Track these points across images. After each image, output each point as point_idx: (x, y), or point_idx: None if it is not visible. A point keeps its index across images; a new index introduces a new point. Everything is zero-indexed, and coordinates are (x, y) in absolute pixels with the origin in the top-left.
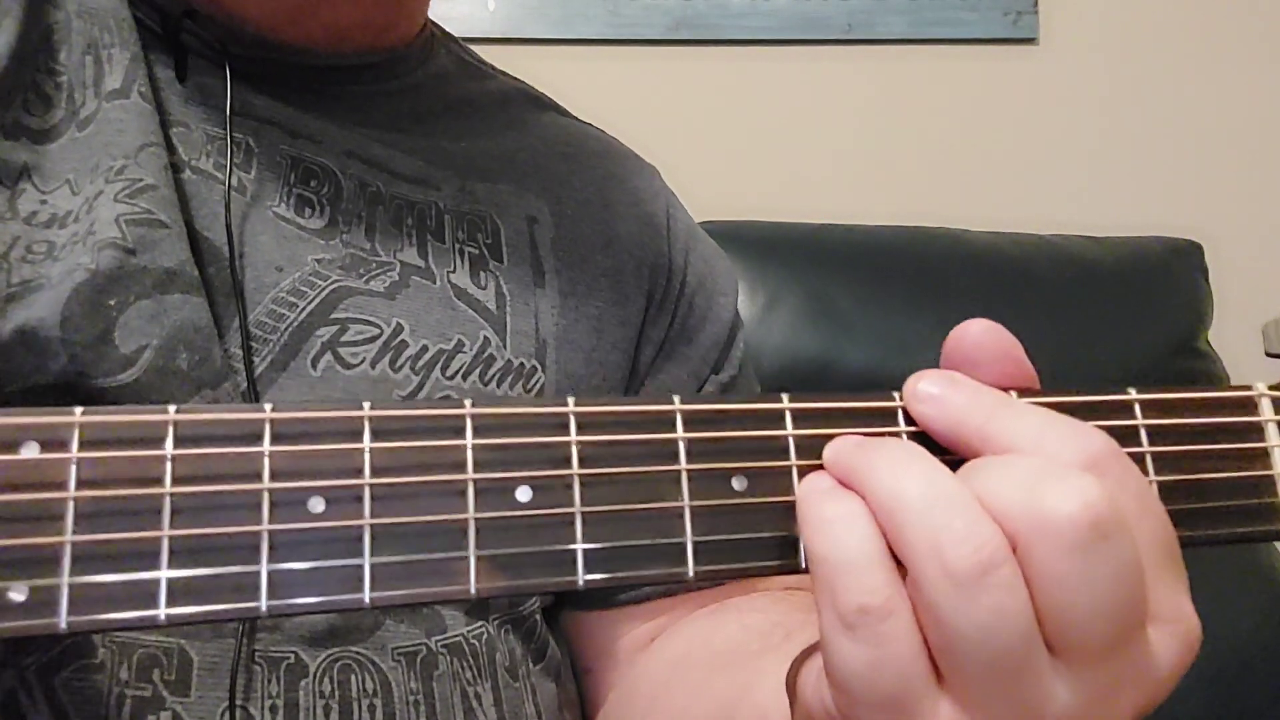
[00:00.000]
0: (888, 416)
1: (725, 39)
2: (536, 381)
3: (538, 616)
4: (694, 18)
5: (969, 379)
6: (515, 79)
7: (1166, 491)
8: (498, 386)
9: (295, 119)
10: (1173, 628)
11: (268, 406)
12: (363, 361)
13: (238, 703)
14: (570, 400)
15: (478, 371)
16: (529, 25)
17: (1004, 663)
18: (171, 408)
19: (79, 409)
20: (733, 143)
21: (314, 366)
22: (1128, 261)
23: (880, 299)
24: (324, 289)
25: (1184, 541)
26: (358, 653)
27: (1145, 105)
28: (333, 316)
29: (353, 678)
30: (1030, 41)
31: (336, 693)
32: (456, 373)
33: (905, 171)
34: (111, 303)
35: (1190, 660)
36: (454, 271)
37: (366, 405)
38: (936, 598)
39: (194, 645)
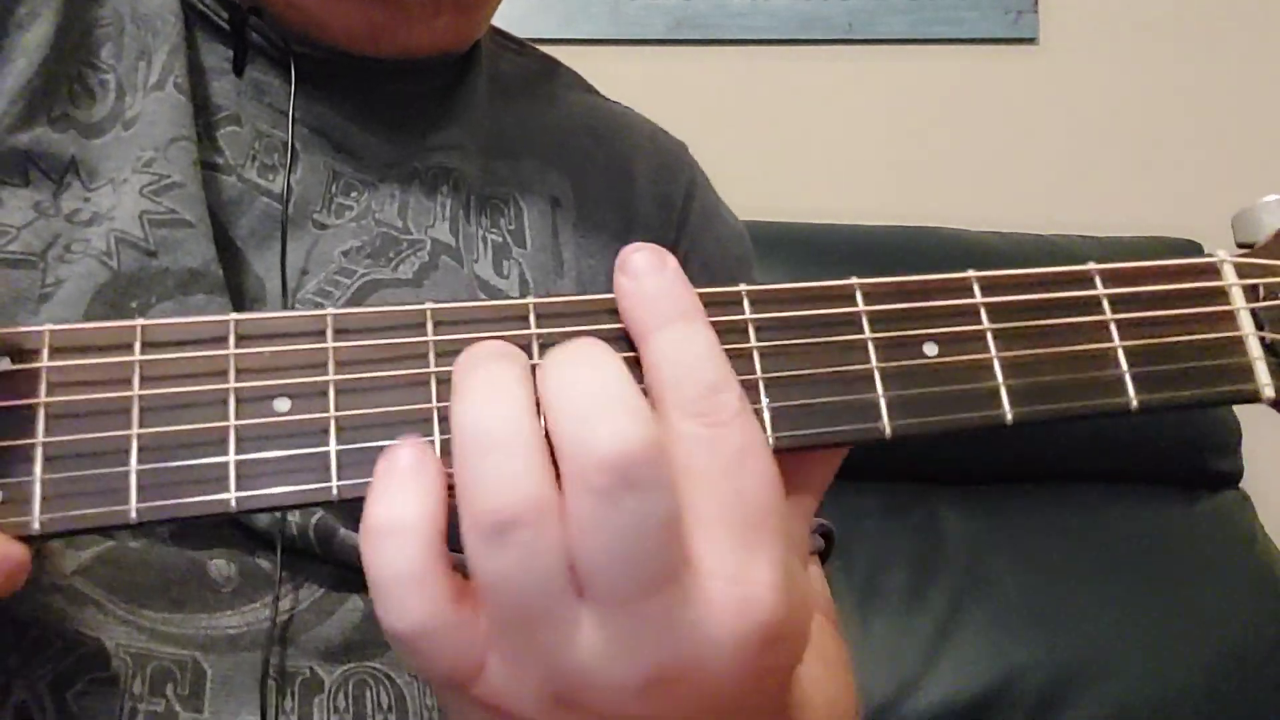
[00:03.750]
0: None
1: (725, 39)
2: None
3: None
4: (694, 18)
5: (679, 272)
6: (543, 53)
7: (1134, 356)
8: None
9: (343, 131)
10: (730, 588)
11: (232, 315)
12: None
13: None
14: (529, 297)
15: None
16: (529, 24)
17: (532, 603)
18: (139, 319)
19: (48, 324)
20: (732, 142)
21: None
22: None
23: None
24: (351, 286)
25: (1163, 404)
26: (373, 668)
27: (1145, 105)
28: None
29: (368, 693)
30: (1030, 41)
31: (351, 709)
32: None
33: (905, 171)
34: (133, 305)
35: (750, 627)
36: (478, 261)
37: (330, 307)
38: (469, 545)
39: (208, 659)
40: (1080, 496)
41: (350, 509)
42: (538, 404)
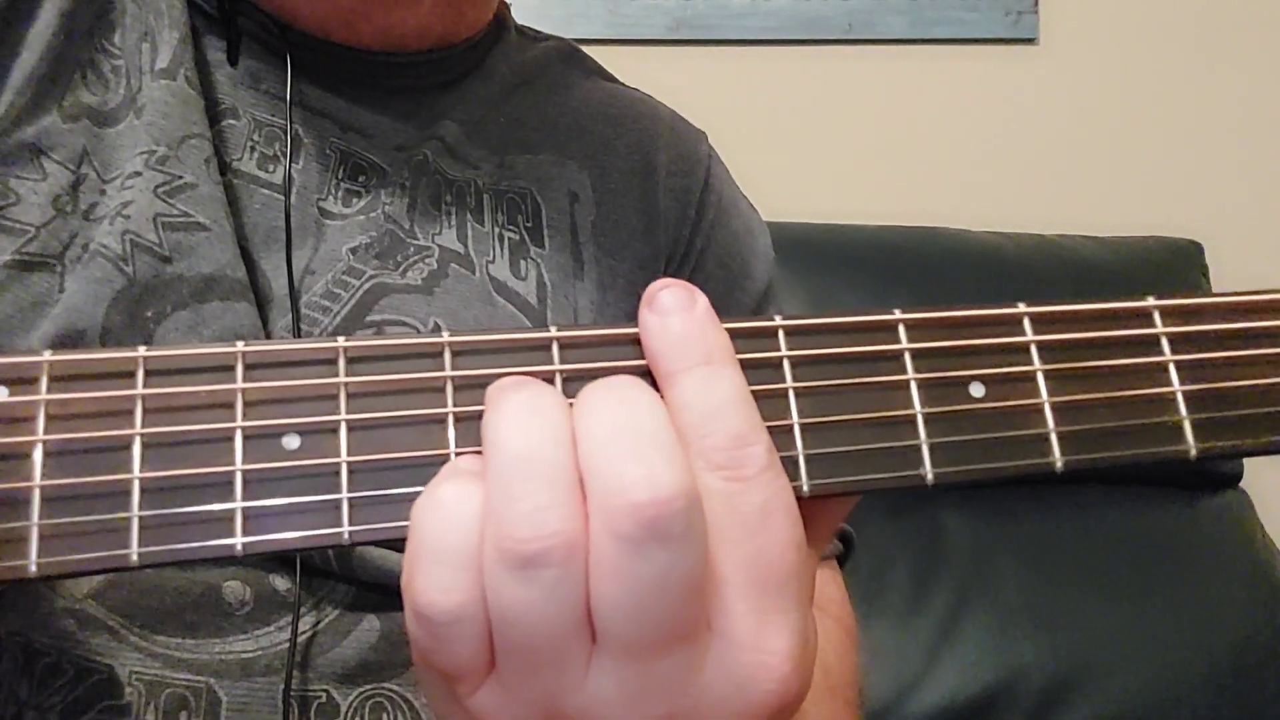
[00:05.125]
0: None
1: (725, 39)
2: None
3: None
4: (694, 18)
5: (709, 312)
6: (559, 39)
7: (1194, 400)
8: None
9: (347, 111)
10: (743, 655)
11: (240, 343)
12: None
13: None
14: (552, 328)
15: None
16: (529, 24)
17: (543, 645)
18: (141, 347)
19: (48, 350)
20: (732, 142)
21: None
22: (1128, 261)
23: (881, 299)
24: (359, 288)
25: (1224, 453)
26: (390, 689)
27: (1145, 105)
28: (369, 319)
29: (384, 716)
30: (1030, 41)
31: None
32: None
33: (906, 171)
34: (149, 314)
35: (757, 697)
36: (493, 262)
37: (341, 338)
38: (491, 568)
39: (223, 685)
40: (1080, 497)
41: None
42: None
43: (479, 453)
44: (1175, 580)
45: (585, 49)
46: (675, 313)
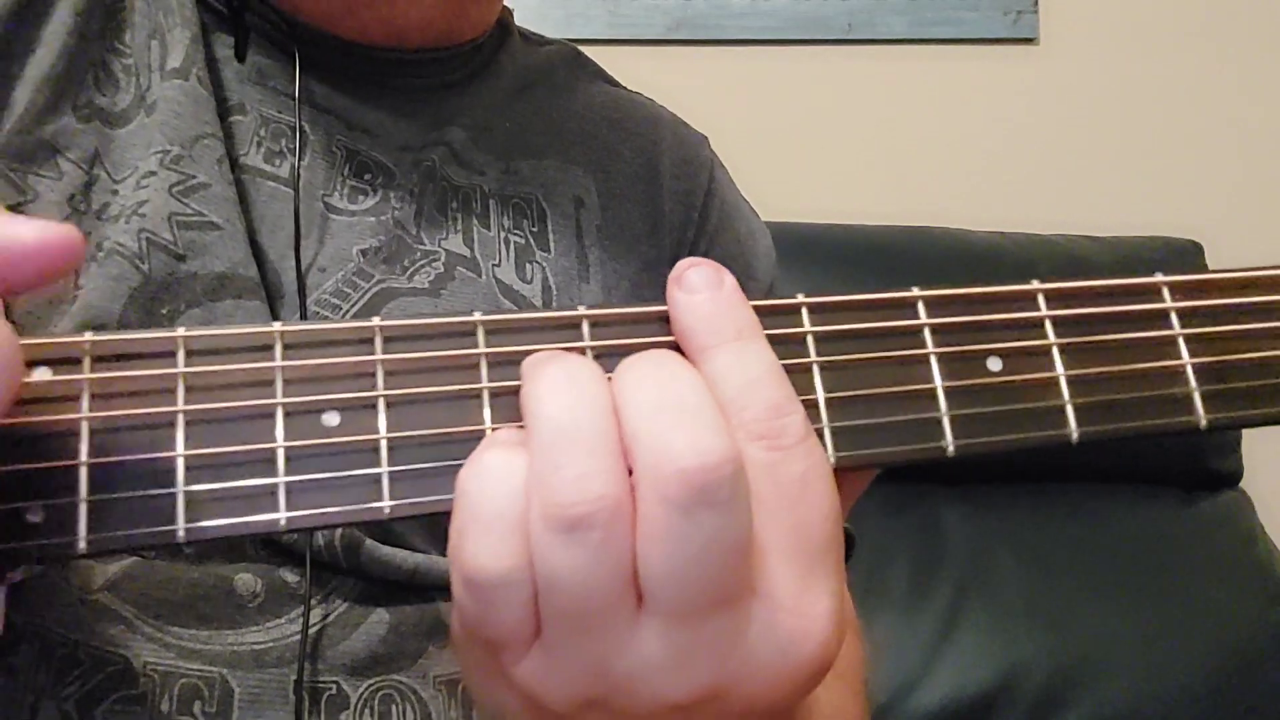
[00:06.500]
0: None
1: (725, 39)
2: None
3: None
4: (694, 18)
5: (737, 289)
6: (561, 43)
7: (1203, 372)
8: None
9: (353, 110)
10: (786, 619)
11: (276, 324)
12: None
13: None
14: (580, 306)
15: None
16: (528, 25)
17: (589, 607)
18: (180, 328)
19: (89, 332)
20: (732, 143)
21: None
22: (1127, 261)
23: None
24: (367, 290)
25: (1233, 423)
26: (399, 681)
27: (1145, 105)
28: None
29: (393, 708)
30: (1030, 41)
31: None
32: None
33: (905, 171)
34: (164, 311)
35: (800, 659)
36: (499, 265)
37: (376, 318)
38: (537, 533)
39: (235, 675)
40: (1080, 496)
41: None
42: None
43: (516, 426)
44: (1175, 580)
45: (585, 49)
46: (705, 290)
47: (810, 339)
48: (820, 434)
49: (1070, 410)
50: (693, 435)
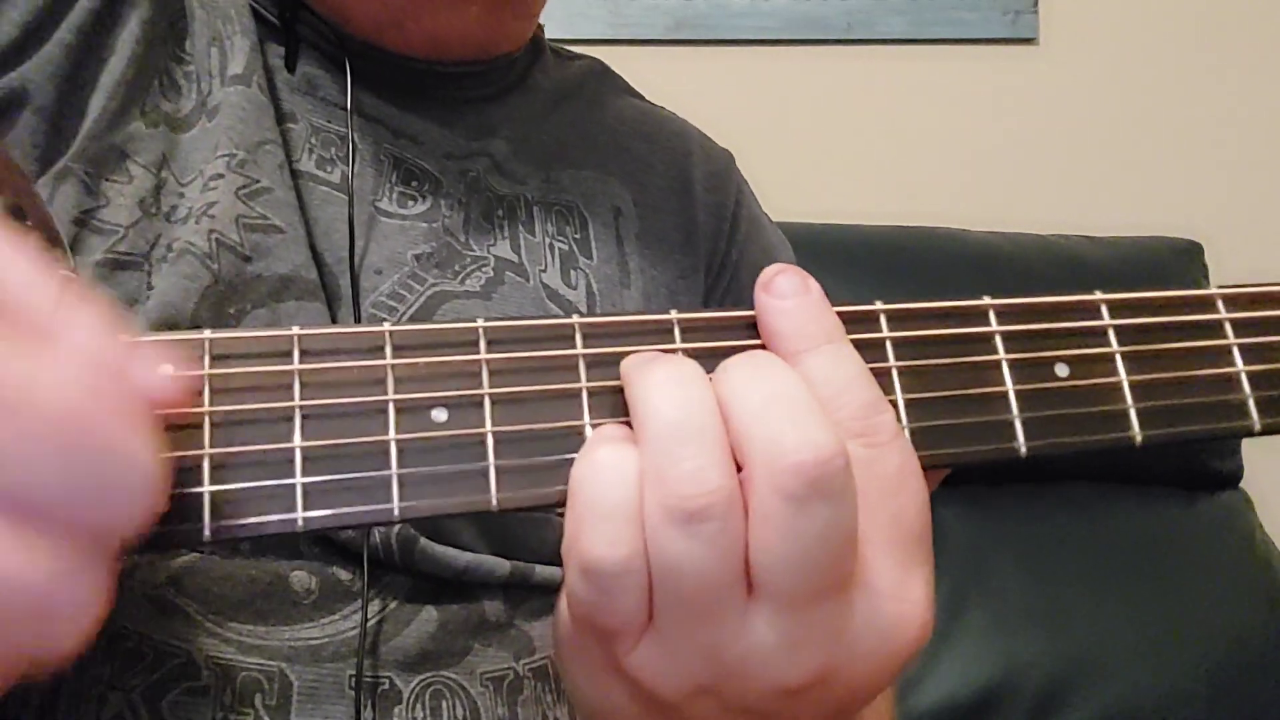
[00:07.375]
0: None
1: (725, 39)
2: None
3: None
4: (694, 18)
5: (823, 295)
6: (590, 58)
7: (1257, 379)
8: None
9: (399, 119)
10: (888, 605)
11: (387, 324)
12: None
13: None
14: (673, 311)
15: None
16: None
17: (703, 595)
18: (295, 327)
19: (208, 330)
20: (731, 143)
21: None
22: (1128, 261)
23: (880, 299)
24: (422, 293)
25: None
26: (448, 677)
27: (1145, 105)
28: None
29: (444, 704)
30: (1030, 41)
31: (429, 719)
32: None
33: (904, 171)
34: (231, 310)
35: (901, 644)
36: (545, 270)
37: (480, 319)
38: (655, 524)
39: (294, 669)
40: (1080, 496)
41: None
42: None
43: (622, 422)
44: (1175, 580)
45: (585, 49)
46: (793, 295)
47: (889, 344)
48: None
49: (1133, 414)
50: (805, 430)
